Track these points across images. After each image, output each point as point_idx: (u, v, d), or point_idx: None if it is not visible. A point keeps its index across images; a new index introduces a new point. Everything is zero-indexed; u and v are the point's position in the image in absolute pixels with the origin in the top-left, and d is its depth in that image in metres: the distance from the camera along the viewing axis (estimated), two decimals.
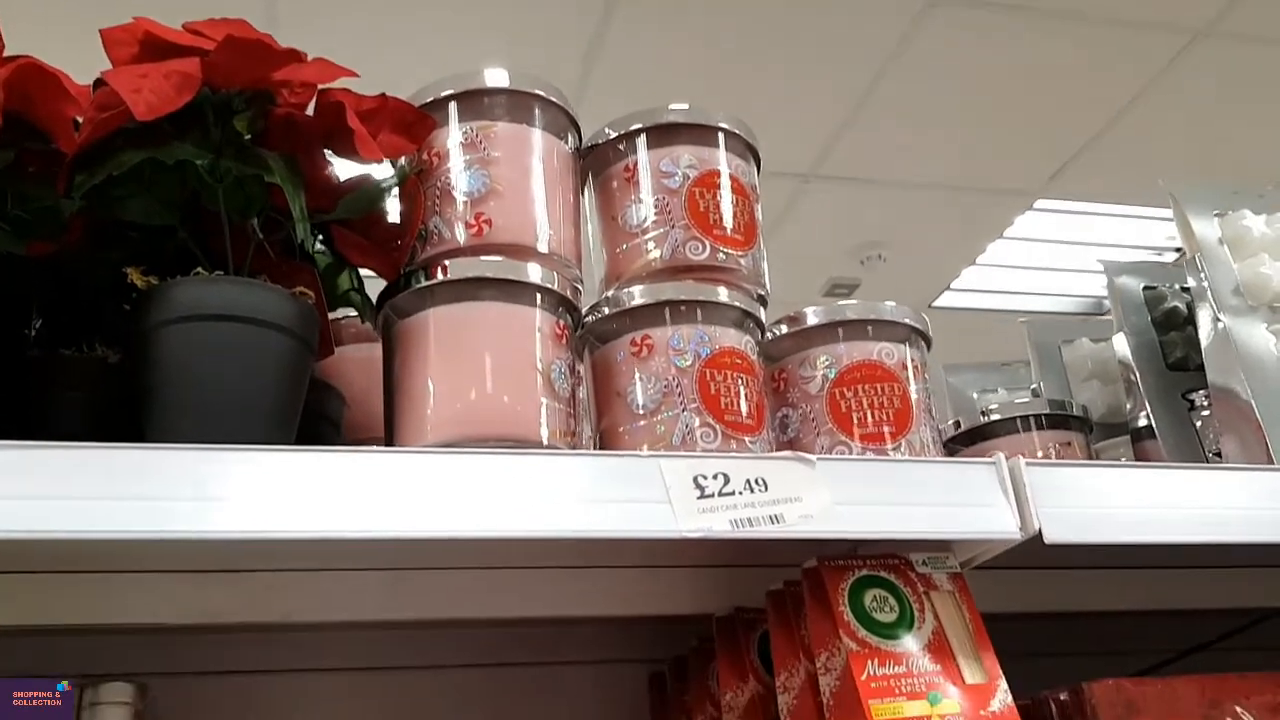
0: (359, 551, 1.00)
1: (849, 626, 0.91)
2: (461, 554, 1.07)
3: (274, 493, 0.78)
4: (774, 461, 0.88)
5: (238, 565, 1.05)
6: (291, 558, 1.03)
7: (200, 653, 1.18)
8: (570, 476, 0.84)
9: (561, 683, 1.30)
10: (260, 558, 1.03)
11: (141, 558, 1.01)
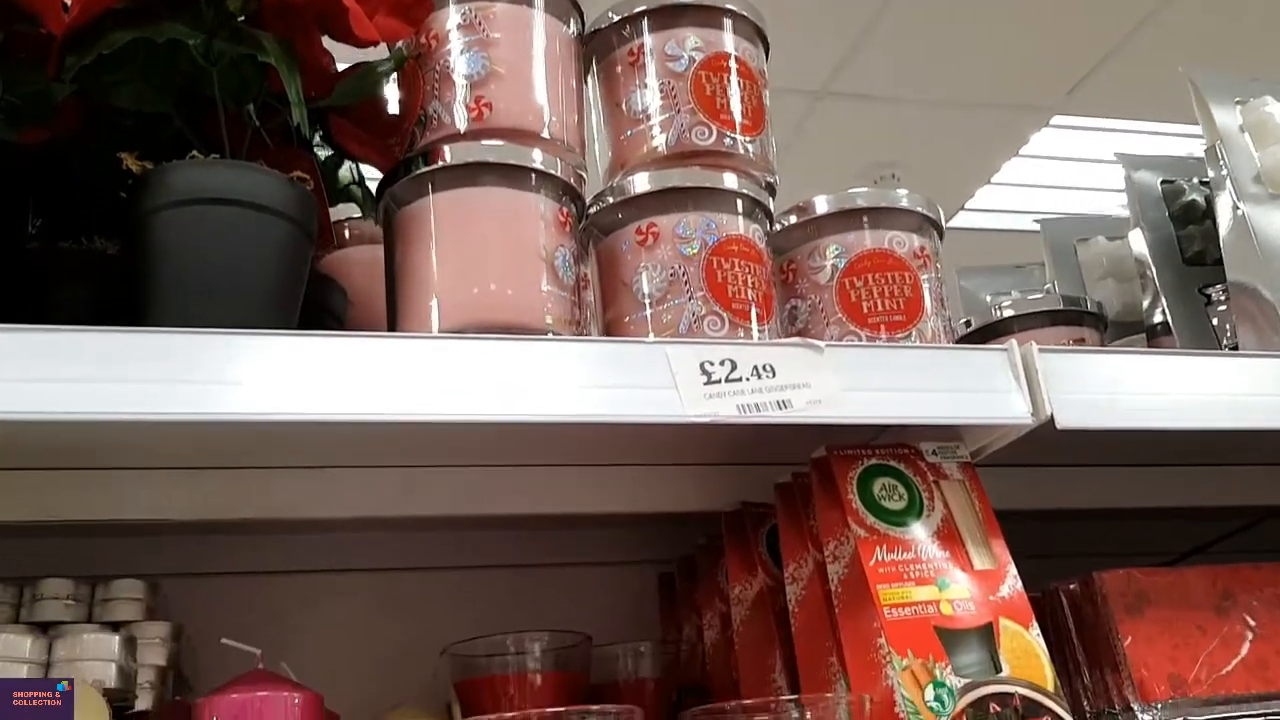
0: (365, 444, 0.99)
1: (858, 514, 0.91)
2: (467, 449, 1.07)
3: (279, 376, 0.77)
4: (782, 348, 0.87)
5: (242, 461, 1.05)
6: (297, 451, 1.03)
7: (210, 554, 1.19)
8: (575, 362, 0.83)
9: (571, 584, 1.30)
10: (264, 452, 1.03)
11: (148, 453, 1.01)
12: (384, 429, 0.83)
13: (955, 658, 0.85)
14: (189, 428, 0.78)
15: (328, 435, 0.93)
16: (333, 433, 0.89)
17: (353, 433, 0.89)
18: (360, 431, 0.87)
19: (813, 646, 0.94)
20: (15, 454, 0.98)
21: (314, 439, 0.96)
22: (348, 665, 1.13)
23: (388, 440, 0.97)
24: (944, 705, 0.82)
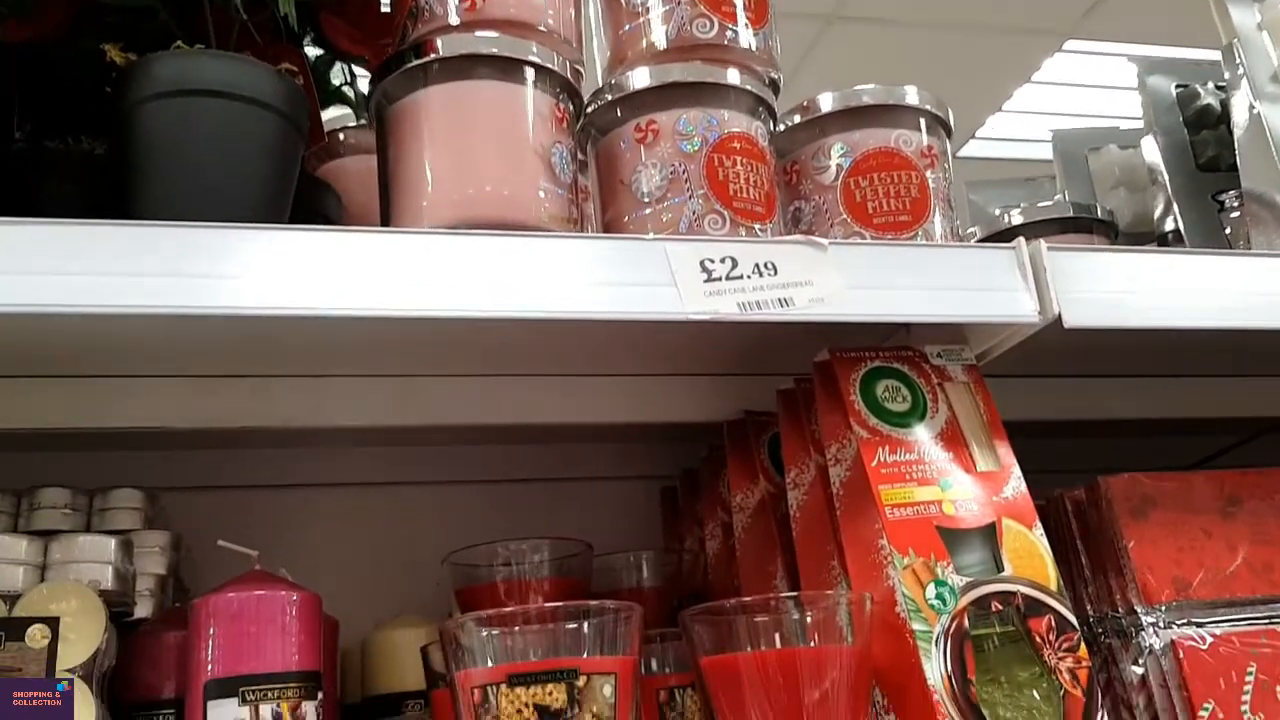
0: (360, 347, 0.98)
1: (860, 415, 0.89)
2: (464, 357, 1.06)
3: (273, 270, 0.75)
4: (784, 246, 0.85)
5: (239, 369, 1.04)
6: (293, 359, 1.02)
7: (210, 468, 1.18)
8: (572, 259, 0.81)
9: (574, 498, 1.30)
10: (262, 360, 1.02)
11: (146, 360, 1.00)
12: (378, 325, 0.81)
13: (957, 557, 0.84)
14: (181, 321, 0.76)
15: (322, 337, 0.92)
16: (327, 330, 0.88)
17: (347, 330, 0.88)
18: (355, 328, 0.86)
19: (814, 551, 0.93)
20: (11, 361, 0.97)
21: (309, 342, 0.95)
22: (348, 577, 1.12)
23: (382, 340, 0.96)
24: (945, 603, 0.82)
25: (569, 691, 0.73)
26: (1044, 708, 0.81)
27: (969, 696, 0.79)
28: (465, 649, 0.77)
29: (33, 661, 0.76)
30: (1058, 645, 0.82)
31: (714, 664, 0.81)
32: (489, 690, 0.74)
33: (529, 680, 0.73)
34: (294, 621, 0.81)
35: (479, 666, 0.75)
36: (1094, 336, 0.97)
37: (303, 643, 0.81)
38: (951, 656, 0.80)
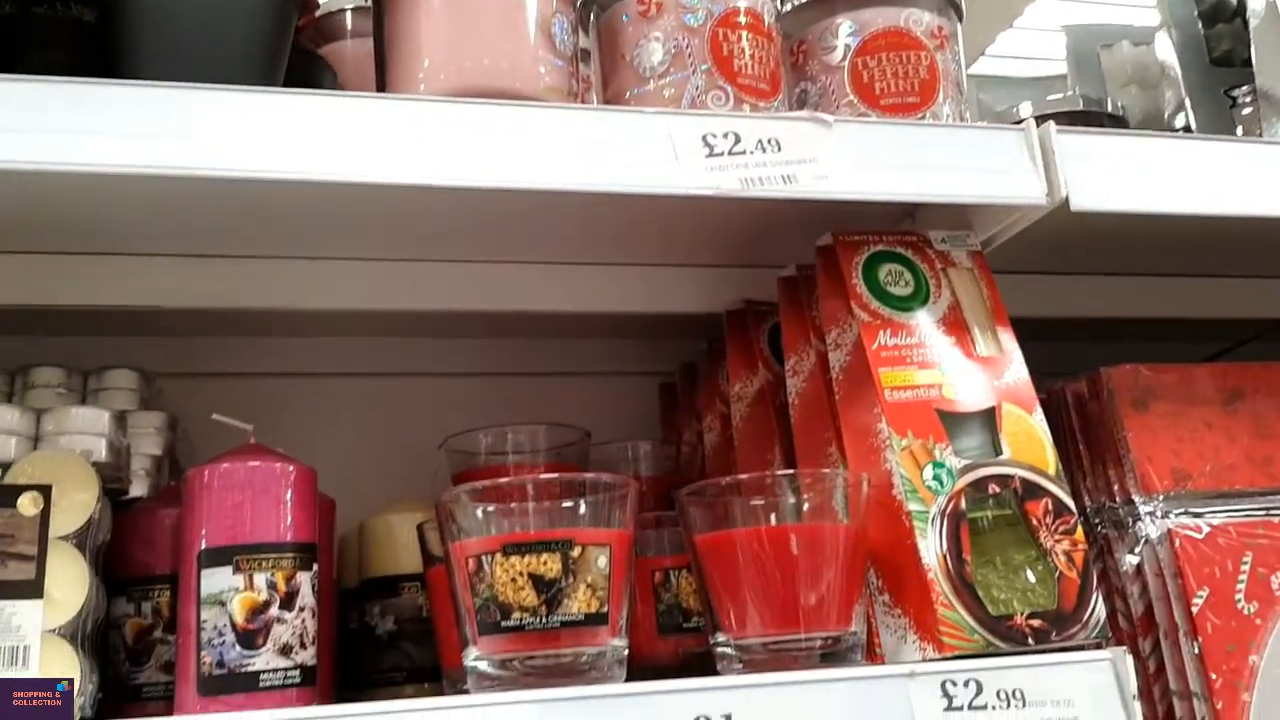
0: (354, 223, 0.97)
1: (861, 299, 0.88)
2: (463, 240, 1.04)
3: (264, 134, 0.74)
4: (788, 122, 0.83)
5: (237, 250, 1.03)
6: (290, 239, 1.00)
7: (207, 354, 1.17)
8: (571, 131, 0.79)
9: (573, 393, 1.29)
10: (258, 240, 1.01)
11: (144, 238, 0.99)
12: (370, 194, 0.80)
13: (956, 440, 0.84)
14: (171, 184, 0.75)
15: (315, 209, 0.91)
16: (320, 199, 0.86)
17: (341, 199, 0.86)
18: (348, 197, 0.85)
19: (811, 439, 0.93)
20: (10, 235, 0.96)
21: (302, 218, 0.94)
22: (345, 466, 1.11)
23: (375, 215, 0.95)
24: (942, 485, 0.81)
25: (564, 561, 0.73)
26: (1039, 589, 0.81)
27: (964, 576, 0.79)
28: (461, 520, 0.76)
29: (25, 528, 0.76)
30: (1054, 528, 0.82)
31: (708, 541, 0.81)
32: (484, 559, 0.73)
33: (524, 550, 0.73)
34: (290, 493, 0.81)
35: (474, 537, 0.75)
36: (1100, 225, 0.96)
37: (298, 514, 0.81)
38: (947, 536, 0.80)
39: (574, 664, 0.74)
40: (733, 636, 0.79)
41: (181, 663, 0.77)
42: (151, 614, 0.89)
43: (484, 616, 0.73)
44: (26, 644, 0.73)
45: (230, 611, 0.76)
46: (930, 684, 0.73)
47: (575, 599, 0.72)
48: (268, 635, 0.76)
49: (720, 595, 0.80)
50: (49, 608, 0.74)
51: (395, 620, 1.01)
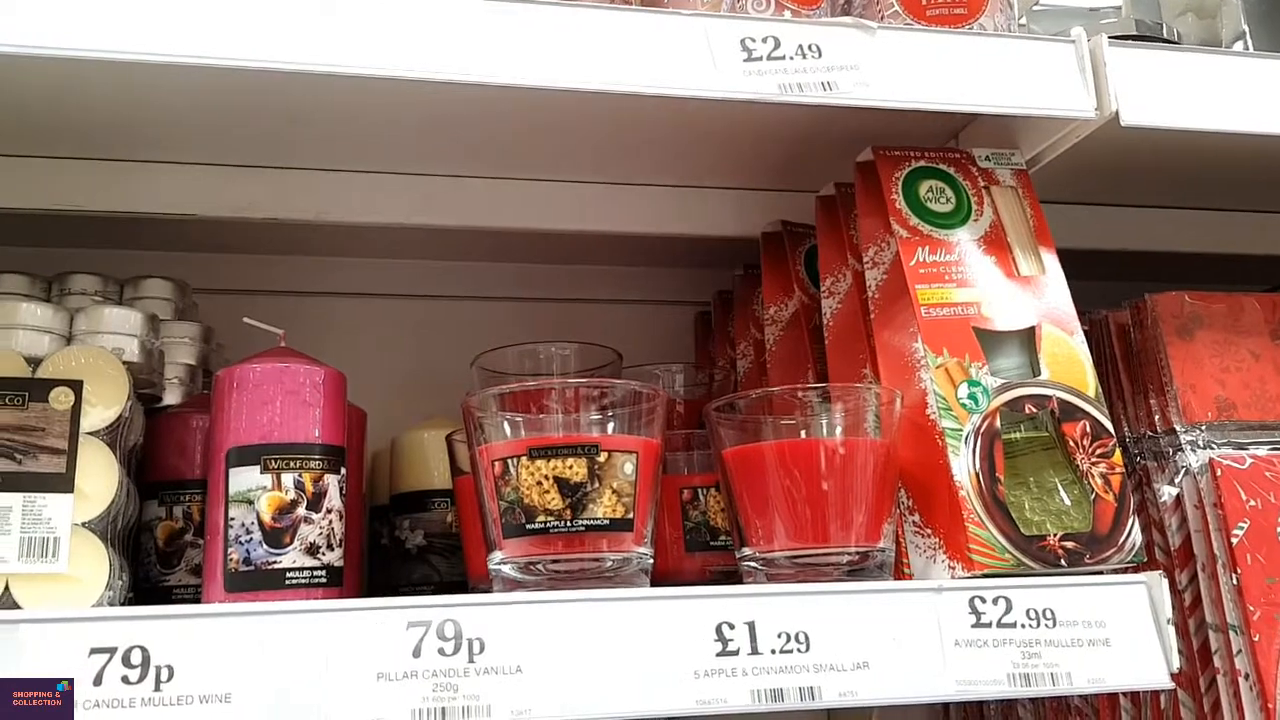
0: (389, 131, 0.96)
1: (900, 214, 0.86)
2: (499, 155, 1.03)
3: (299, 27, 0.73)
4: (830, 28, 0.81)
5: (269, 160, 1.02)
6: (325, 147, 1.00)
7: (240, 271, 1.17)
8: (604, 31, 0.78)
9: (608, 320, 1.29)
10: (293, 148, 1.00)
11: (179, 145, 0.98)
12: (406, 90, 0.79)
13: (993, 360, 0.82)
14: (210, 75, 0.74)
15: (355, 114, 0.90)
16: (362, 101, 0.86)
17: (373, 93, 0.85)
18: (383, 92, 0.84)
19: (846, 360, 0.91)
20: (43, 138, 0.96)
21: (341, 123, 0.93)
22: (379, 383, 1.11)
23: (409, 121, 0.94)
24: (977, 403, 0.80)
25: (589, 466, 0.72)
26: (1073, 512, 0.79)
27: (996, 495, 0.77)
28: (488, 425, 0.76)
29: (56, 422, 0.76)
30: (1091, 450, 0.80)
31: (737, 455, 0.80)
32: (509, 463, 0.73)
33: (549, 453, 0.72)
34: (319, 395, 0.80)
35: (500, 441, 0.75)
36: (1151, 150, 0.93)
37: (327, 417, 0.80)
38: (981, 454, 0.78)
39: (598, 568, 0.73)
40: (758, 550, 0.79)
41: (209, 561, 0.77)
42: (183, 517, 0.89)
43: (509, 519, 0.73)
44: (56, 536, 0.74)
45: (258, 510, 0.76)
46: (958, 600, 0.72)
47: (600, 503, 0.72)
48: (294, 534, 0.76)
49: (747, 509, 0.79)
50: (79, 501, 0.75)
51: (425, 535, 1.01)
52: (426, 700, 0.63)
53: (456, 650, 0.64)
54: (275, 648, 0.63)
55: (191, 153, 1.01)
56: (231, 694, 0.61)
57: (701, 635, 0.67)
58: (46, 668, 0.60)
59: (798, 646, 0.68)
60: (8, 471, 0.74)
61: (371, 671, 0.63)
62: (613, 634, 0.67)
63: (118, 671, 0.60)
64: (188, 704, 0.60)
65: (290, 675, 0.62)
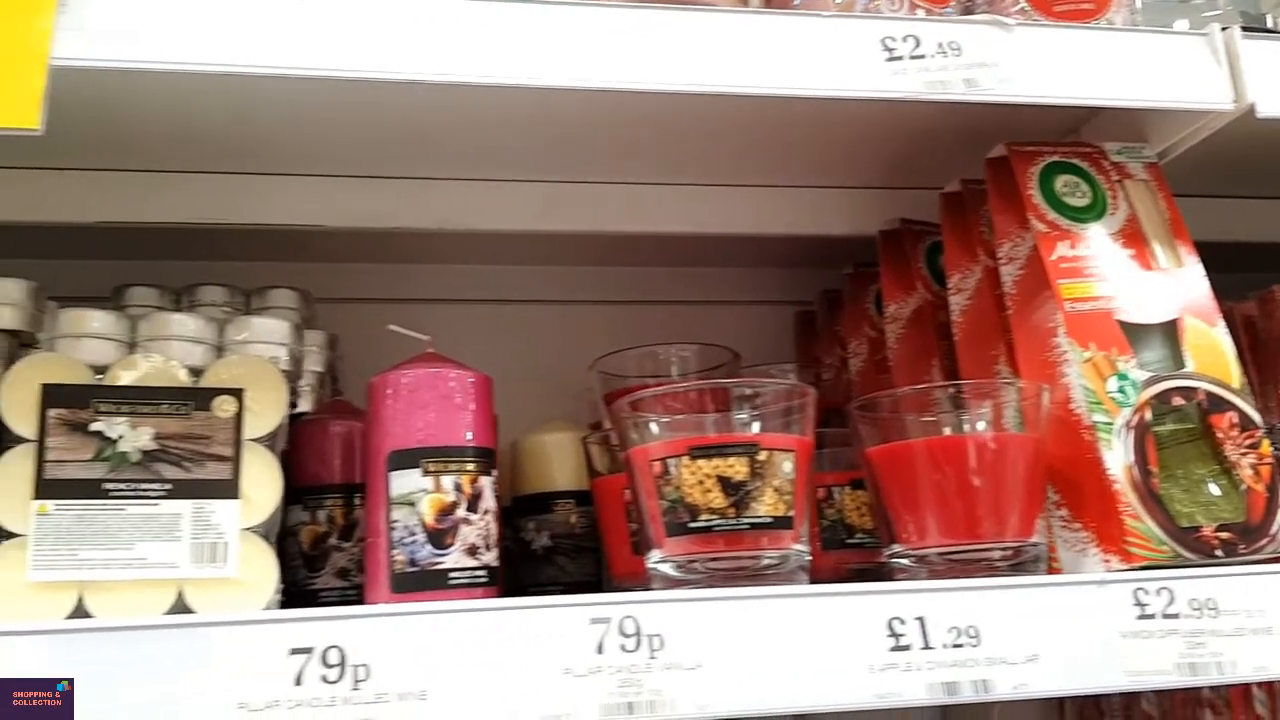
0: (515, 139, 0.97)
1: (1038, 210, 0.87)
2: (615, 159, 1.05)
3: (422, 37, 0.74)
4: (968, 25, 0.82)
5: (392, 170, 1.04)
6: (447, 157, 1.01)
7: (360, 281, 1.19)
8: (751, 35, 0.79)
9: (710, 321, 1.29)
10: (416, 158, 1.02)
11: (298, 157, 1.01)
12: (541, 98, 0.80)
13: (1139, 352, 0.82)
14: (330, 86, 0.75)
15: (480, 121, 0.92)
16: (486, 110, 0.87)
17: (509, 103, 0.87)
18: (521, 101, 0.85)
19: (977, 355, 0.92)
20: (169, 152, 0.98)
21: (463, 132, 0.95)
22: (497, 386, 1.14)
23: (528, 128, 0.95)
24: (1126, 396, 0.80)
25: (750, 465, 0.73)
26: (1222, 503, 0.79)
27: (1150, 487, 0.77)
28: (644, 425, 0.77)
29: (220, 430, 0.78)
30: (1240, 441, 0.80)
31: (885, 453, 0.81)
32: (670, 463, 0.74)
33: (710, 452, 0.73)
34: (470, 398, 0.82)
35: (658, 441, 0.76)
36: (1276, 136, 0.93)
37: (478, 420, 0.82)
38: (1134, 448, 0.78)
39: (755, 566, 0.74)
40: (910, 547, 0.79)
41: (371, 562, 0.79)
42: (326, 521, 0.91)
43: (671, 518, 0.74)
44: (225, 541, 0.75)
45: (420, 512, 0.77)
46: (1122, 592, 0.72)
47: (763, 501, 0.73)
48: (456, 535, 0.78)
49: (897, 507, 0.80)
50: (245, 507, 0.77)
51: (550, 536, 1.02)
52: (612, 695, 0.64)
53: (638, 646, 0.65)
54: (466, 645, 0.64)
55: (316, 165, 1.03)
56: (427, 691, 0.62)
57: (874, 630, 0.68)
58: (251, 669, 0.61)
59: (969, 640, 0.69)
60: (177, 479, 0.76)
61: (558, 667, 0.64)
62: (788, 629, 0.68)
63: (317, 671, 0.62)
64: (385, 702, 0.62)
65: (482, 672, 0.63)
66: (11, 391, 0.75)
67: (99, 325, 0.80)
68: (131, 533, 0.74)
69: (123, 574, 0.73)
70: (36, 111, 0.64)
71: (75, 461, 0.74)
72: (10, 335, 0.83)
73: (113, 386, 0.76)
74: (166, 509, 0.75)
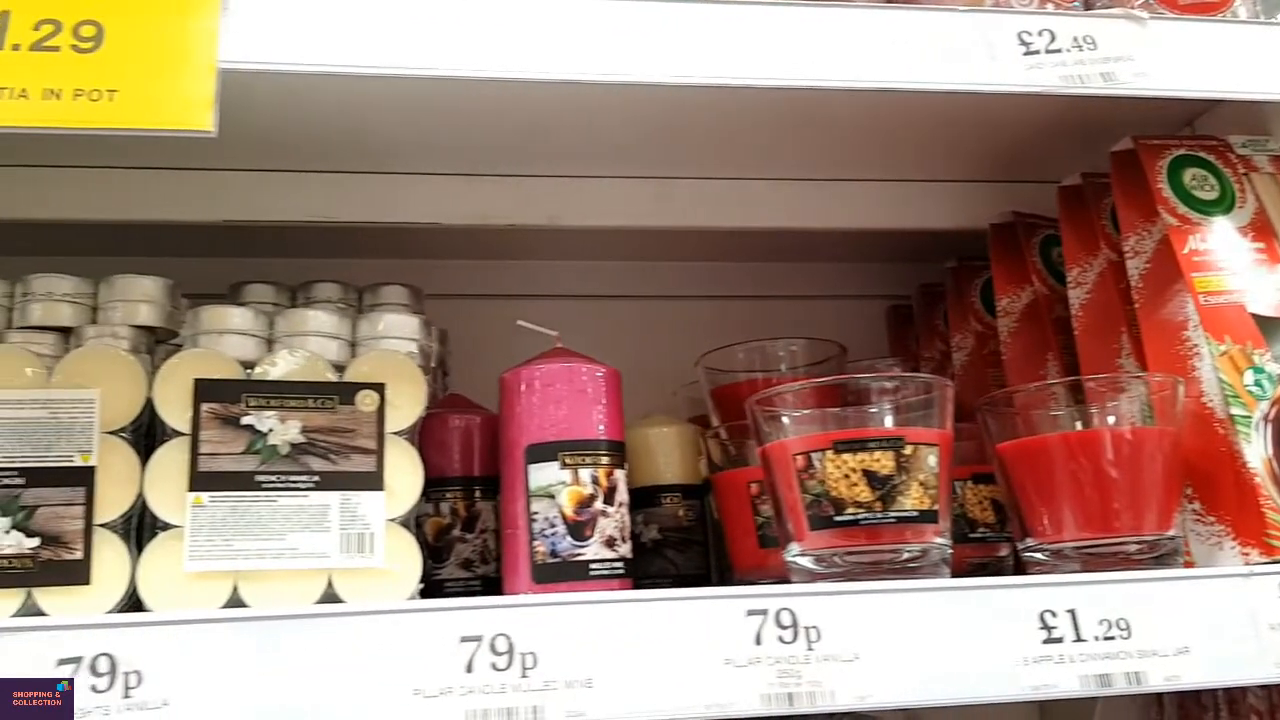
0: (635, 135, 0.98)
1: (1168, 203, 0.86)
2: (719, 158, 1.05)
3: (546, 36, 0.75)
4: (1102, 20, 0.82)
5: (506, 169, 1.05)
6: (557, 156, 1.03)
7: (469, 277, 1.20)
8: (881, 31, 0.79)
9: (795, 316, 1.30)
10: (528, 156, 1.03)
11: (412, 155, 1.02)
12: (652, 92, 0.81)
13: (1274, 345, 0.82)
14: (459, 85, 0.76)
15: (595, 118, 0.93)
16: (606, 100, 0.88)
17: (619, 100, 0.88)
18: (631, 96, 0.87)
19: (1099, 349, 0.92)
20: (282, 152, 1.00)
21: (574, 130, 0.96)
22: None
23: (642, 125, 0.96)
24: (1263, 390, 0.80)
25: (896, 459, 0.73)
26: None
27: None
28: (783, 419, 0.78)
29: (364, 423, 0.80)
30: None
31: (1016, 448, 0.81)
32: (813, 456, 0.75)
33: (855, 446, 0.74)
34: (602, 392, 0.83)
35: (800, 435, 0.76)
36: None
37: (610, 414, 0.83)
38: (1273, 440, 0.78)
39: (898, 560, 0.75)
40: (1045, 541, 0.79)
41: (510, 553, 0.80)
42: (449, 513, 0.92)
43: (815, 512, 0.74)
44: (371, 532, 0.77)
45: (560, 504, 0.78)
46: (1269, 584, 0.72)
47: (909, 495, 0.73)
48: (594, 527, 0.79)
49: (1032, 501, 0.80)
50: (389, 498, 0.78)
51: (659, 529, 1.03)
52: (772, 686, 0.65)
53: (795, 638, 0.66)
54: (628, 635, 0.65)
55: (432, 163, 1.04)
56: (593, 679, 0.63)
57: (1027, 623, 0.69)
58: (424, 657, 0.63)
59: (1120, 633, 0.69)
60: (325, 471, 0.77)
61: (719, 658, 0.65)
62: (942, 622, 0.68)
63: (487, 658, 0.63)
64: (553, 689, 0.63)
65: (645, 661, 0.64)
66: (165, 386, 0.77)
67: (240, 322, 0.82)
68: (283, 523, 0.75)
69: (276, 564, 0.74)
70: (209, 114, 0.65)
71: (228, 454, 0.76)
72: (147, 331, 0.84)
73: (262, 381, 0.78)
74: (315, 500, 0.76)
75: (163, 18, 0.68)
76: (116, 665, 0.60)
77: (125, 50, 0.66)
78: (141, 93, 0.65)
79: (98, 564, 0.73)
